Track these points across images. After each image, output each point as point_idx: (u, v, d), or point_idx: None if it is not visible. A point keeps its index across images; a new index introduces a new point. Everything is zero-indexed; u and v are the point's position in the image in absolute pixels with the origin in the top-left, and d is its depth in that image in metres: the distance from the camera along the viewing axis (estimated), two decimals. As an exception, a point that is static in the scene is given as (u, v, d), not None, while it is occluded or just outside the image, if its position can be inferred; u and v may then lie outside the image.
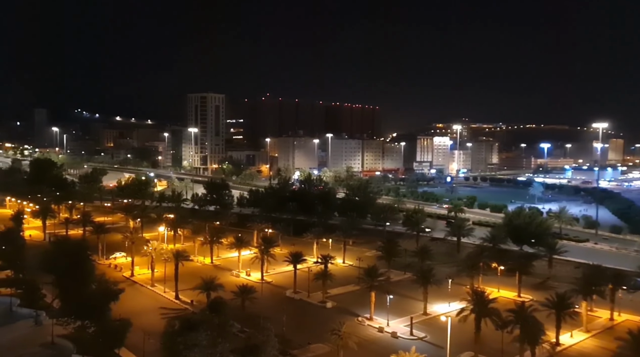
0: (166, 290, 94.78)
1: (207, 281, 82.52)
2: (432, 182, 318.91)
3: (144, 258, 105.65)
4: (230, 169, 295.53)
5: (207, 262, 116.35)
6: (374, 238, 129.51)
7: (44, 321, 73.84)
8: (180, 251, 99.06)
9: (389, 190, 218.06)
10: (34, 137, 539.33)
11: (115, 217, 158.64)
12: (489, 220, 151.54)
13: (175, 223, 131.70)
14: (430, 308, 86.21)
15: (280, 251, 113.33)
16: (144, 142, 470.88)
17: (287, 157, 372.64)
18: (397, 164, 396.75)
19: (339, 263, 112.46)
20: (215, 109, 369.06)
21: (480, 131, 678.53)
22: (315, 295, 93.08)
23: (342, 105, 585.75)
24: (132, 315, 70.21)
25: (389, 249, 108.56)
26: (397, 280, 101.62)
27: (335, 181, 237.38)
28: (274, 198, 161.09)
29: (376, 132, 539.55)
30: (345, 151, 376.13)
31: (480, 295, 73.43)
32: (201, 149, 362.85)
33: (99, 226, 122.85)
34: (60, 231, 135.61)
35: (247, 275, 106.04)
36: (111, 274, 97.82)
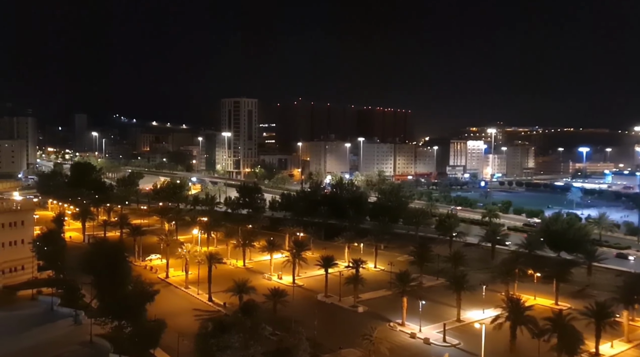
0: (200, 292, 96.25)
1: (240, 283, 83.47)
2: (466, 187, 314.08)
3: (179, 260, 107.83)
4: (263, 173, 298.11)
5: (240, 265, 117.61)
6: (406, 243, 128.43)
7: (83, 320, 75.90)
8: (214, 254, 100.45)
9: (421, 194, 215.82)
10: (75, 142, 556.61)
11: (151, 220, 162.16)
12: (525, 226, 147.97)
13: (208, 226, 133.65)
14: (464, 315, 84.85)
15: (312, 255, 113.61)
16: (178, 146, 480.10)
17: (319, 161, 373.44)
18: (430, 168, 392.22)
19: (370, 268, 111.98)
20: (248, 114, 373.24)
21: (516, 135, 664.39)
22: (347, 299, 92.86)
23: (374, 109, 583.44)
24: (167, 316, 71.61)
25: (421, 254, 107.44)
26: (429, 285, 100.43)
27: (366, 185, 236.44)
28: (305, 202, 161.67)
29: (408, 136, 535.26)
30: (377, 155, 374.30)
31: (516, 302, 71.92)
32: (234, 153, 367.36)
33: (136, 228, 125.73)
34: (98, 233, 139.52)
35: (278, 278, 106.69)
36: (147, 276, 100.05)
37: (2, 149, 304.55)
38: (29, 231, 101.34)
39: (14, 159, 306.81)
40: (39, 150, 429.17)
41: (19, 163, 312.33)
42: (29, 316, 78.98)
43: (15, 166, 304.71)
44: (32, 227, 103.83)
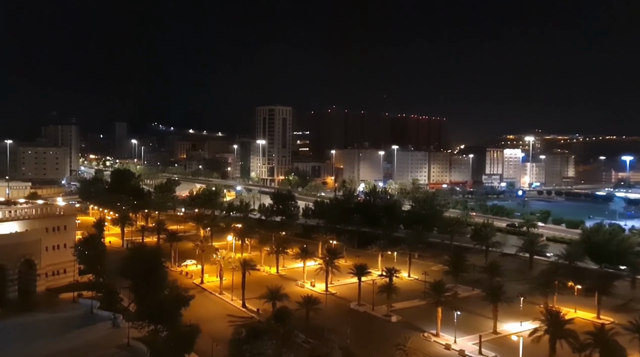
0: (233, 298, 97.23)
1: (273, 290, 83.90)
2: (502, 196, 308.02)
3: (213, 266, 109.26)
4: (296, 181, 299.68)
5: (273, 271, 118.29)
6: (441, 252, 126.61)
7: (121, 324, 77.56)
8: (247, 260, 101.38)
9: (457, 203, 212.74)
10: (115, 149, 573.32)
11: (187, 226, 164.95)
12: (565, 236, 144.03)
13: (242, 233, 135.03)
14: (501, 327, 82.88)
15: (345, 263, 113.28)
16: (214, 153, 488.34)
17: (352, 168, 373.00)
18: (465, 177, 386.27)
19: (404, 277, 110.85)
20: (282, 122, 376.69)
21: (555, 143, 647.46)
22: (380, 308, 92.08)
23: (408, 117, 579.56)
24: (201, 321, 72.59)
25: (456, 264, 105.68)
26: (464, 296, 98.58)
27: (400, 193, 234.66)
28: (339, 209, 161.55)
29: (443, 144, 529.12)
30: (411, 163, 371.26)
31: (556, 315, 69.81)
32: (268, 160, 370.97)
33: (172, 234, 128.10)
34: (137, 238, 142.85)
35: (311, 286, 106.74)
36: (182, 281, 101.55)
37: (47, 156, 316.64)
38: (71, 235, 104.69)
39: (58, 166, 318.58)
40: (81, 157, 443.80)
41: (63, 170, 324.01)
42: (70, 319, 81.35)
43: (59, 173, 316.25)
44: (74, 231, 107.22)
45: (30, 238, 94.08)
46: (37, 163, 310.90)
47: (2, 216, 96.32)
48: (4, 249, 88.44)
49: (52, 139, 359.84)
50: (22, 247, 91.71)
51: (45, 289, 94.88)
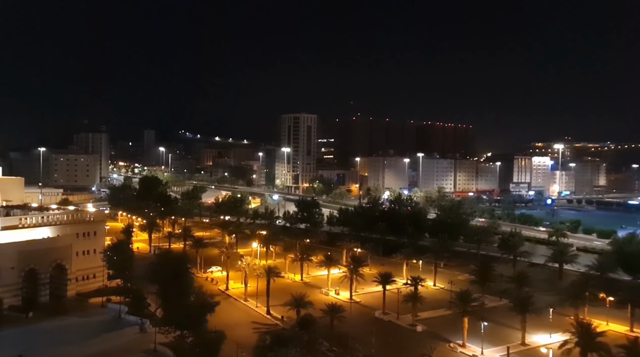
0: (258, 305, 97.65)
1: (297, 297, 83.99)
2: (531, 205, 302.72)
3: (238, 273, 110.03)
4: (321, 188, 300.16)
5: (297, 279, 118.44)
6: (467, 261, 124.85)
7: (148, 329, 78.84)
8: (272, 267, 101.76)
9: (483, 211, 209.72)
10: (144, 156, 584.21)
11: (212, 233, 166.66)
12: (596, 246, 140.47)
13: (267, 240, 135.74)
14: (529, 338, 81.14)
15: (369, 271, 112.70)
16: (240, 161, 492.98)
17: (377, 176, 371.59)
18: (492, 185, 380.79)
19: (429, 286, 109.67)
20: (307, 129, 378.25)
21: (585, 151, 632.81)
22: (405, 317, 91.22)
23: (434, 125, 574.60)
24: (226, 327, 73.04)
25: (483, 273, 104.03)
26: (492, 306, 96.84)
27: (426, 201, 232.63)
28: (363, 217, 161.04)
29: (469, 151, 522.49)
30: (436, 171, 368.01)
31: (586, 327, 68.06)
32: (293, 168, 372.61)
33: (198, 241, 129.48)
34: (163, 244, 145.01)
35: (336, 294, 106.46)
36: (208, 287, 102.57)
37: (79, 163, 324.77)
38: (100, 241, 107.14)
39: (88, 173, 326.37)
40: (111, 164, 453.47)
41: (93, 176, 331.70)
42: (99, 323, 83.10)
43: (90, 179, 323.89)
44: (103, 237, 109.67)
45: (61, 243, 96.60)
46: (69, 170, 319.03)
47: (36, 222, 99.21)
48: (37, 254, 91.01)
49: (83, 147, 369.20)
50: (53, 252, 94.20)
51: (75, 294, 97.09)
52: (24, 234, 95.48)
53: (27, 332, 78.06)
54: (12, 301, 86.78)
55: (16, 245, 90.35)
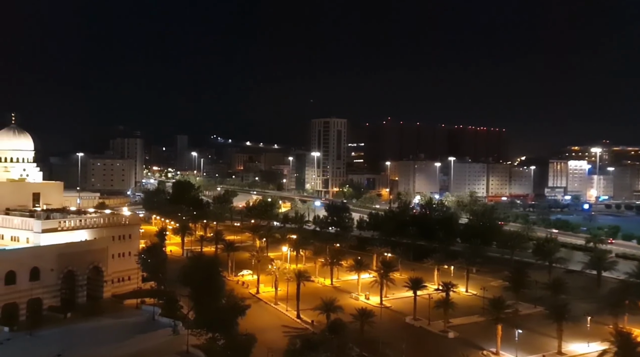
0: (288, 309, 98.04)
1: (327, 302, 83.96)
2: (567, 210, 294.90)
3: (269, 276, 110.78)
4: (351, 192, 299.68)
5: (327, 283, 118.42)
6: (500, 267, 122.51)
7: (180, 331, 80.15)
8: (302, 271, 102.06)
9: (517, 216, 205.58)
10: (177, 161, 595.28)
11: (243, 236, 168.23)
12: (636, 253, 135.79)
13: (297, 244, 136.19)
14: (566, 347, 79.01)
15: (400, 276, 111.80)
16: (270, 165, 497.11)
17: (408, 181, 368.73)
18: (526, 190, 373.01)
19: (461, 292, 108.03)
20: (337, 134, 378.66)
21: (625, 154, 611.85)
22: (436, 324, 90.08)
23: (466, 128, 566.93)
24: (257, 331, 73.58)
25: (517, 280, 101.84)
26: (526, 313, 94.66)
27: (457, 205, 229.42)
28: (394, 222, 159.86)
29: (502, 155, 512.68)
30: (468, 175, 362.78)
31: (626, 336, 65.91)
32: (323, 172, 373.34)
33: (229, 244, 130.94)
34: (196, 248, 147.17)
35: (366, 298, 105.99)
36: (239, 290, 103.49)
37: (114, 168, 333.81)
38: (135, 244, 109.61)
39: (124, 177, 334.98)
40: (145, 168, 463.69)
41: (128, 181, 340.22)
42: (133, 324, 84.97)
43: (125, 184, 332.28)
44: (138, 240, 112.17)
45: (98, 246, 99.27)
46: (105, 174, 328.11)
47: (74, 225, 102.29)
48: (75, 256, 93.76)
49: (119, 152, 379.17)
50: (91, 255, 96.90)
51: (111, 295, 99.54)
52: (63, 236, 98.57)
53: (66, 332, 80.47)
54: (51, 302, 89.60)
55: (56, 247, 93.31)
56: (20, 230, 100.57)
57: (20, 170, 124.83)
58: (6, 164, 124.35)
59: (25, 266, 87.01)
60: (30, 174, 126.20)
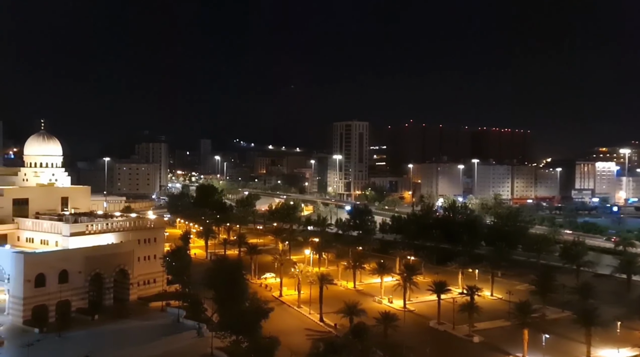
0: (311, 312, 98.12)
1: (350, 305, 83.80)
2: (595, 212, 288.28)
3: (292, 279, 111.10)
4: (373, 195, 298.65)
5: (350, 286, 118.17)
6: (526, 271, 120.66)
7: (205, 333, 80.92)
8: (325, 275, 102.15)
9: (543, 219, 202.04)
10: (200, 165, 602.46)
11: (266, 239, 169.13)
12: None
13: (320, 247, 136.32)
14: (595, 353, 77.26)
15: (423, 280, 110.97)
16: (292, 169, 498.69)
17: (431, 183, 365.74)
18: (552, 192, 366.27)
19: (486, 295, 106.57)
20: (359, 137, 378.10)
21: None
22: (461, 328, 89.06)
23: (490, 130, 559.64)
24: (280, 334, 73.87)
25: (544, 284, 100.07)
26: (553, 318, 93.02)
27: (481, 208, 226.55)
28: (416, 225, 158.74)
29: (528, 157, 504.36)
30: (492, 178, 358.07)
31: (658, 343, 63.96)
32: (345, 175, 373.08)
33: (252, 247, 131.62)
34: (219, 251, 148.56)
35: (389, 302, 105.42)
36: (262, 293, 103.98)
37: (140, 172, 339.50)
38: (160, 247, 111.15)
39: (149, 181, 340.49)
40: (169, 173, 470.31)
41: (153, 185, 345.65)
42: (159, 326, 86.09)
43: (150, 188, 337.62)
44: (163, 243, 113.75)
45: (124, 249, 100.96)
46: (131, 179, 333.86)
47: (101, 228, 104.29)
48: (102, 259, 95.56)
49: (144, 156, 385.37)
50: (117, 258, 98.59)
51: (137, 298, 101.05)
52: (91, 240, 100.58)
53: (93, 334, 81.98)
54: (79, 304, 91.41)
55: (83, 250, 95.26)
56: (50, 233, 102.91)
57: (50, 175, 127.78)
58: (36, 169, 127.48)
59: (55, 268, 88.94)
60: (59, 179, 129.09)
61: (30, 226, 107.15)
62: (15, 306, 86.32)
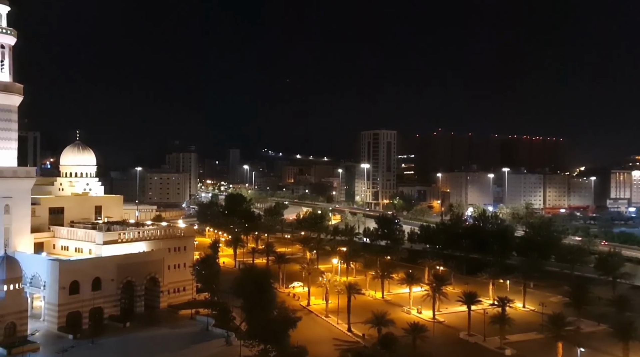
0: (339, 321, 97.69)
1: (378, 315, 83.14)
2: (631, 222, 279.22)
3: (319, 289, 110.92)
4: (401, 204, 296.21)
5: (378, 296, 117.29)
6: (559, 282, 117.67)
7: (233, 342, 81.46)
8: (353, 284, 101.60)
9: (577, 229, 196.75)
10: (229, 174, 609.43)
11: (294, 248, 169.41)
12: None
13: (347, 256, 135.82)
14: (633, 368, 74.52)
15: (453, 290, 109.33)
16: (320, 178, 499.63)
17: (460, 192, 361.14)
18: (586, 201, 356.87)
19: (518, 307, 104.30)
20: (387, 145, 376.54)
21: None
22: (492, 340, 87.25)
23: (520, 138, 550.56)
24: (308, 343, 73.80)
25: (578, 296, 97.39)
26: (588, 331, 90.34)
27: (512, 218, 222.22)
28: (446, 234, 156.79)
29: (560, 166, 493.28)
30: (524, 187, 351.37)
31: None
32: (373, 184, 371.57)
33: (280, 256, 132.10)
34: (247, 260, 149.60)
35: (418, 312, 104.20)
36: (290, 302, 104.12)
37: (170, 181, 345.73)
38: (190, 255, 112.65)
39: (179, 191, 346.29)
40: (199, 182, 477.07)
41: (183, 194, 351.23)
42: (188, 334, 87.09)
43: (180, 197, 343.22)
44: (192, 252, 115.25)
45: (155, 257, 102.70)
46: (162, 188, 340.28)
47: (133, 237, 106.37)
48: (134, 267, 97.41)
49: (175, 166, 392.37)
50: (148, 266, 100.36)
51: (167, 305, 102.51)
52: (123, 248, 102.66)
53: (125, 341, 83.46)
54: (111, 311, 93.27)
55: (116, 258, 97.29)
56: (84, 242, 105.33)
57: (84, 185, 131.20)
58: (71, 178, 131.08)
59: (88, 276, 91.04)
60: (93, 188, 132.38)
61: (65, 234, 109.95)
62: (50, 312, 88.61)
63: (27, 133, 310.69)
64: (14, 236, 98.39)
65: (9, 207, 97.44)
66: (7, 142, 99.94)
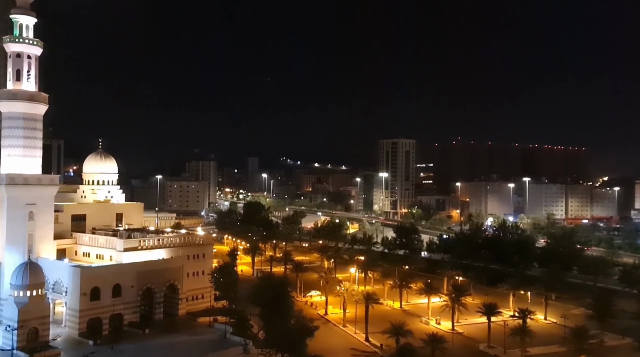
0: (357, 331, 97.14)
1: (397, 325, 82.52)
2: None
3: (337, 298, 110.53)
4: (420, 214, 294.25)
5: (396, 306, 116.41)
6: (582, 294, 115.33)
7: (251, 350, 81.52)
8: (371, 294, 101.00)
9: (600, 240, 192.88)
10: (248, 183, 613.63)
11: (311, 257, 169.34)
12: None
13: (365, 265, 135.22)
14: (659, 384, 72.52)
15: (472, 301, 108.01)
16: (338, 186, 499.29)
17: (479, 202, 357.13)
18: (610, 212, 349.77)
19: (539, 319, 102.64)
20: (405, 154, 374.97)
21: None
22: (513, 352, 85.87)
23: (541, 148, 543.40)
24: (325, 352, 73.60)
25: (602, 308, 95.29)
26: (613, 345, 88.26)
27: (533, 228, 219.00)
28: (465, 244, 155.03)
29: (582, 176, 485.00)
30: (545, 197, 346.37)
31: None
32: (391, 193, 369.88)
33: (298, 265, 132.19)
34: (265, 268, 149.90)
35: (436, 323, 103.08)
36: (307, 311, 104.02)
37: (190, 189, 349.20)
38: (208, 263, 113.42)
39: (198, 198, 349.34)
40: (218, 190, 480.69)
41: (202, 202, 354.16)
42: (206, 342, 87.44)
43: (199, 205, 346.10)
44: (211, 259, 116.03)
45: (174, 264, 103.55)
46: (181, 196, 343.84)
47: (153, 244, 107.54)
48: (154, 274, 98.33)
49: (194, 174, 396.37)
50: (167, 273, 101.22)
51: (185, 313, 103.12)
52: (142, 255, 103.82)
53: (144, 347, 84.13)
54: (131, 317, 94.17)
55: (136, 265, 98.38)
56: (105, 248, 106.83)
57: (106, 192, 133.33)
58: (93, 186, 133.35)
59: (109, 282, 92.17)
60: (114, 196, 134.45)
61: (87, 240, 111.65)
62: (71, 318, 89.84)
63: (51, 141, 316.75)
64: (38, 242, 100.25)
65: (33, 214, 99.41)
66: (32, 150, 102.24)
